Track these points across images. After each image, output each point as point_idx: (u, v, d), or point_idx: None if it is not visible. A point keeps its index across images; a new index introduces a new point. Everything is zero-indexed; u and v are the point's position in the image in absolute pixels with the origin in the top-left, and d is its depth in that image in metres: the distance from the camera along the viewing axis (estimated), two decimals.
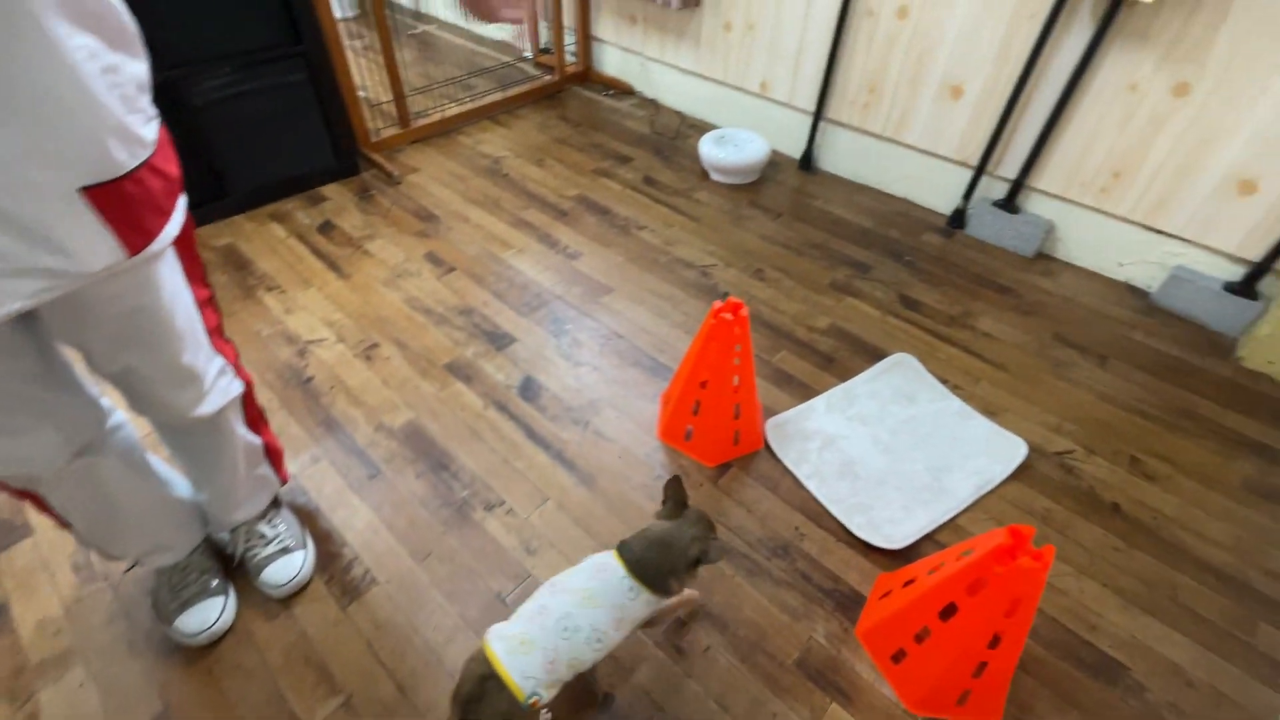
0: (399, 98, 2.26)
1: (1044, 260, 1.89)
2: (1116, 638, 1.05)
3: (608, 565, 0.85)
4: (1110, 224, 1.77)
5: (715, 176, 2.21)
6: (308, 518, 1.17)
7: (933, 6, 1.80)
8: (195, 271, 0.85)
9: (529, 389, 1.43)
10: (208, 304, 0.89)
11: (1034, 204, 1.88)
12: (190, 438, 0.95)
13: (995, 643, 0.86)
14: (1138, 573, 1.14)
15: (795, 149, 2.32)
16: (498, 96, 2.59)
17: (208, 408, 0.89)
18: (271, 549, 1.06)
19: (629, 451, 1.31)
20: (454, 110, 2.48)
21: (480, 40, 3.21)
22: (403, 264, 1.78)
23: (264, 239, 1.86)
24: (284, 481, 1.11)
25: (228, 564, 1.08)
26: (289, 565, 1.06)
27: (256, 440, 1.02)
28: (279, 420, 1.34)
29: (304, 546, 1.09)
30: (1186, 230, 1.66)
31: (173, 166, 0.72)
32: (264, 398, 1.39)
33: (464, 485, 1.23)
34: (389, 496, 1.21)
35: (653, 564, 0.84)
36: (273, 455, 1.07)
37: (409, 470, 1.26)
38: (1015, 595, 0.81)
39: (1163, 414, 1.43)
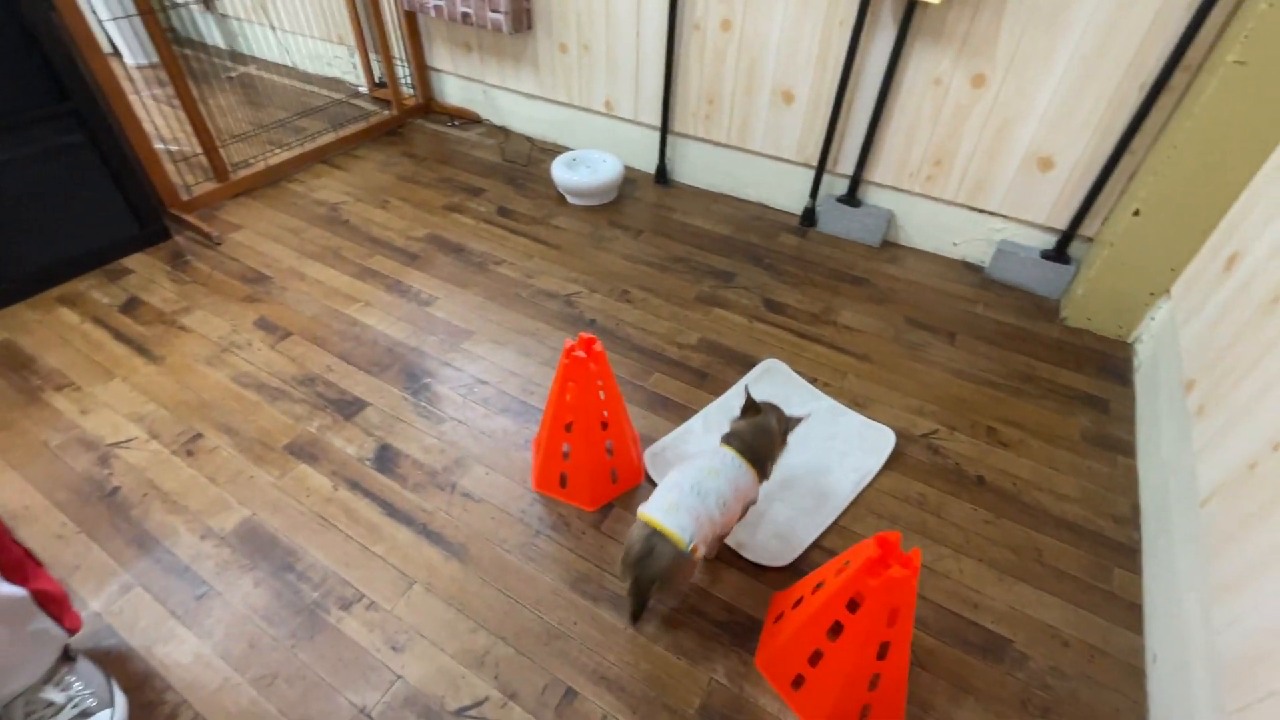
0: (210, 149, 2.03)
1: (890, 248, 1.99)
2: (996, 611, 1.09)
3: (721, 451, 1.02)
4: (940, 208, 1.89)
5: (572, 200, 2.16)
6: (117, 664, 0.98)
7: (753, 19, 1.85)
8: None
9: (385, 458, 1.30)
10: None
11: (873, 196, 1.98)
12: None
13: (883, 653, 0.85)
14: (1007, 542, 1.19)
15: (649, 164, 2.32)
16: (331, 137, 2.40)
17: None
18: (64, 716, 0.87)
19: (502, 510, 1.21)
20: (282, 156, 2.27)
21: (308, 78, 2.99)
22: (228, 336, 1.58)
23: (51, 328, 1.58)
24: (73, 630, 0.92)
25: None
26: None
27: (19, 592, 0.83)
28: (75, 549, 1.12)
29: (109, 704, 0.90)
30: (1004, 207, 1.80)
31: None
32: (53, 525, 1.16)
33: (314, 585, 1.08)
34: (222, 617, 1.04)
35: (761, 446, 1.04)
36: (49, 603, 0.88)
37: (246, 580, 1.09)
38: (892, 605, 0.80)
39: (1008, 381, 1.53)
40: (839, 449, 1.34)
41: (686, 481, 0.96)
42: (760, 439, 1.04)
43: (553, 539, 1.17)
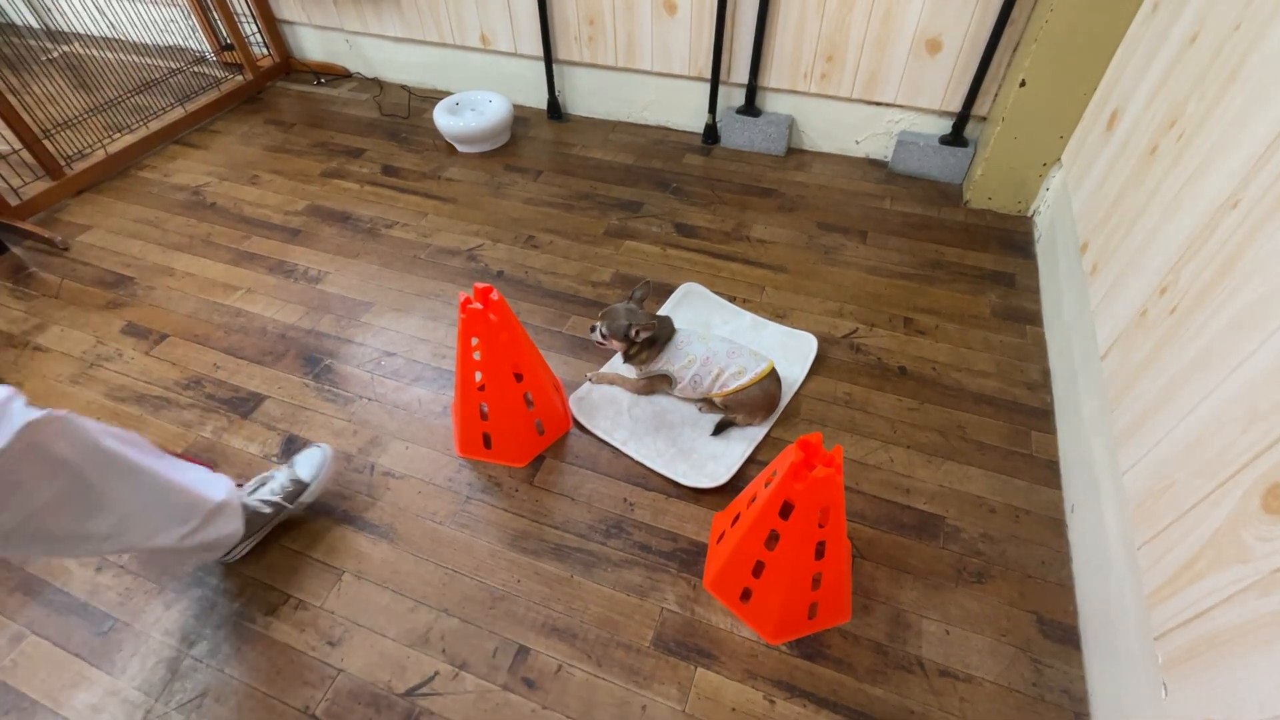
0: (31, 142, 1.77)
1: (795, 155, 1.95)
2: (927, 492, 1.12)
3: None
4: (838, 106, 1.85)
5: (462, 148, 2.01)
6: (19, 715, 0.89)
7: None
8: None
9: (293, 451, 1.20)
10: None
11: (771, 103, 1.92)
12: None
13: (821, 552, 0.86)
14: (932, 425, 1.22)
15: (539, 100, 2.18)
16: (180, 113, 2.14)
17: None
18: (277, 478, 1.05)
19: (428, 483, 1.15)
20: (124, 141, 2.01)
21: (145, 50, 2.63)
22: (93, 349, 1.41)
23: None
24: None
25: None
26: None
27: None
28: None
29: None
30: (899, 97, 1.77)
31: None
32: None
33: (233, 596, 1.01)
34: (135, 648, 0.95)
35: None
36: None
37: (154, 604, 1.00)
38: (821, 505, 0.80)
39: (920, 270, 1.55)
40: None
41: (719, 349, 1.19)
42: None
43: (484, 502, 1.12)
